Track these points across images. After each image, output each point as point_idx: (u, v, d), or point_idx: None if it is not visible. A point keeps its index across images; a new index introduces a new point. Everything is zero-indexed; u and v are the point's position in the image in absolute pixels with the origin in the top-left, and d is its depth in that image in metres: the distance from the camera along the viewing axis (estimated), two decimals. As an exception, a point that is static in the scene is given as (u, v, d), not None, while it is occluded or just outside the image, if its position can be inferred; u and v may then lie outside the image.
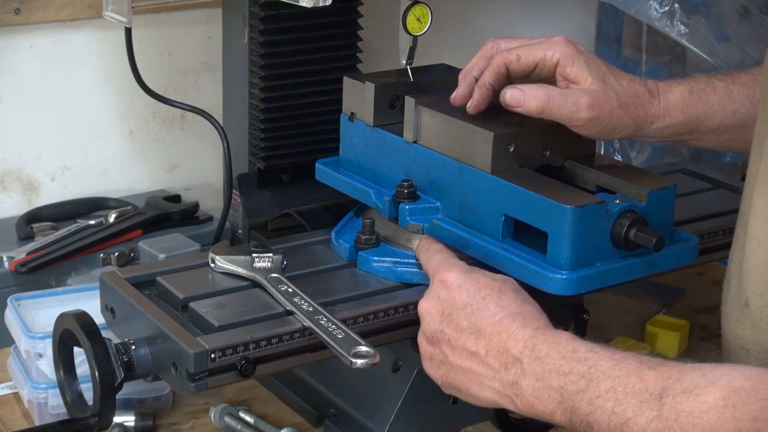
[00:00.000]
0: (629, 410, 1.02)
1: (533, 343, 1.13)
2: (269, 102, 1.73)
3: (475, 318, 1.17)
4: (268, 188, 1.77)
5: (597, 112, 1.30)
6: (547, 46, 1.33)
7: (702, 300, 1.84)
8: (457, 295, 1.20)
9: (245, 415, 1.46)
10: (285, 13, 1.68)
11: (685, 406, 0.98)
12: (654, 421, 1.00)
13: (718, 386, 0.98)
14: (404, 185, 1.38)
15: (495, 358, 1.15)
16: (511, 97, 1.30)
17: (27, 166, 1.88)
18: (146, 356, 1.24)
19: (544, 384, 1.10)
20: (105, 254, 1.71)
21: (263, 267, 1.34)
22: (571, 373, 1.08)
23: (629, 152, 2.32)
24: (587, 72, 1.31)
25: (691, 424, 0.97)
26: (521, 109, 1.30)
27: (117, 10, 1.66)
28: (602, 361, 1.08)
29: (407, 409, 1.41)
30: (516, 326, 1.15)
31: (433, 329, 1.21)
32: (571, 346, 1.11)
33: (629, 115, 1.32)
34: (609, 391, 1.05)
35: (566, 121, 1.31)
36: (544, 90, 1.29)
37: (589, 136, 1.34)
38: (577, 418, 1.07)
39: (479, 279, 1.21)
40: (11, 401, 1.51)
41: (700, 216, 1.55)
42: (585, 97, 1.29)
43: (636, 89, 1.33)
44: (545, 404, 1.10)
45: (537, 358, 1.12)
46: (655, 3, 2.07)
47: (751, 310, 1.21)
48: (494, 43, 1.38)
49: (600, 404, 1.05)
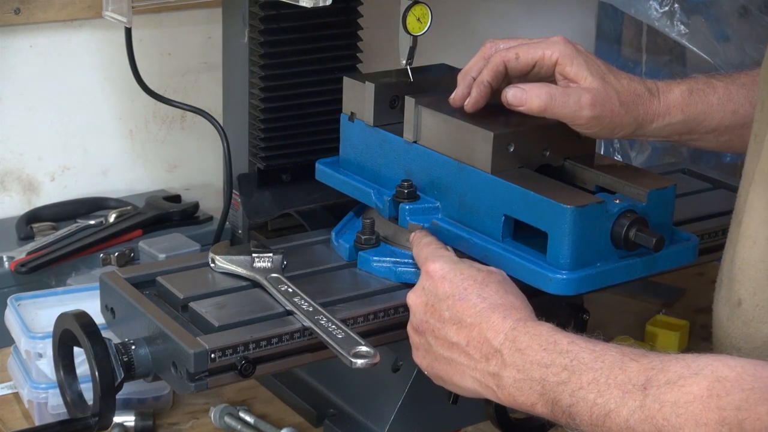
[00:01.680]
0: (611, 401, 1.02)
1: (514, 335, 1.13)
2: (269, 102, 1.73)
3: (457, 309, 1.18)
4: (268, 188, 1.77)
5: (599, 110, 1.30)
6: (545, 45, 1.33)
7: (702, 300, 1.83)
8: (441, 285, 1.20)
9: (245, 415, 1.46)
10: (285, 13, 1.68)
11: (669, 396, 0.98)
12: (637, 411, 1.00)
13: (702, 376, 0.98)
14: (404, 185, 1.38)
15: (476, 348, 1.15)
16: (513, 96, 1.29)
17: (27, 166, 1.88)
18: (146, 356, 1.24)
19: (525, 376, 1.11)
20: (105, 254, 1.71)
21: (263, 267, 1.34)
22: (553, 365, 1.09)
23: (629, 152, 2.32)
24: (587, 71, 1.31)
25: (675, 414, 0.97)
26: (523, 108, 1.29)
27: (117, 10, 1.66)
28: (584, 353, 1.08)
29: (407, 409, 1.41)
30: (496, 317, 1.15)
31: (419, 319, 1.22)
32: (553, 338, 1.11)
33: (630, 113, 1.32)
34: (591, 383, 1.05)
35: (568, 120, 1.31)
36: (546, 89, 1.29)
37: (590, 135, 1.34)
38: (558, 410, 1.08)
39: (463, 270, 1.21)
40: (11, 401, 1.51)
41: (700, 216, 1.56)
42: (587, 95, 1.29)
43: (636, 88, 1.33)
44: (526, 395, 1.11)
45: (518, 350, 1.12)
46: (655, 3, 2.07)
47: (744, 308, 1.21)
48: (493, 43, 1.38)
49: (582, 396, 1.05)
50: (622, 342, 1.60)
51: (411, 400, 1.41)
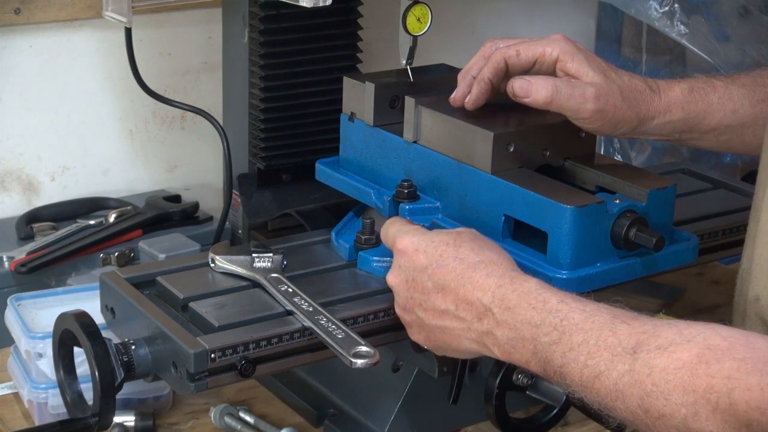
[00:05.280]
0: (601, 364, 1.02)
1: (501, 293, 1.13)
2: (269, 102, 1.73)
3: (438, 276, 1.18)
4: (268, 188, 1.77)
5: (602, 103, 1.30)
6: (546, 43, 1.33)
7: (702, 300, 1.84)
8: (416, 258, 1.21)
9: (245, 415, 1.46)
10: (285, 13, 1.68)
11: (658, 361, 0.98)
12: (626, 375, 1.00)
13: (693, 343, 0.97)
14: (404, 185, 1.38)
15: (466, 310, 1.16)
16: (520, 88, 1.29)
17: (27, 166, 1.88)
18: (146, 356, 1.24)
19: (517, 334, 1.11)
20: (105, 254, 1.71)
21: (263, 267, 1.34)
22: (543, 325, 1.09)
23: (629, 152, 2.32)
24: (588, 67, 1.31)
25: (664, 380, 0.97)
26: (529, 100, 1.29)
27: (117, 10, 1.66)
28: (574, 313, 1.08)
29: (407, 409, 1.41)
30: (479, 276, 1.15)
31: (404, 298, 1.22)
32: (542, 296, 1.11)
33: (632, 109, 1.32)
34: (581, 345, 1.05)
35: (572, 114, 1.30)
36: (551, 81, 1.29)
37: (592, 130, 1.34)
38: (550, 369, 1.08)
39: (434, 237, 1.21)
40: (11, 401, 1.51)
41: (700, 216, 1.56)
42: (591, 89, 1.29)
43: (637, 84, 1.33)
44: (520, 353, 1.11)
45: (507, 308, 1.12)
46: (655, 3, 2.07)
47: (762, 304, 1.21)
48: (492, 43, 1.38)
49: (573, 357, 1.05)
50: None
51: (411, 400, 1.41)
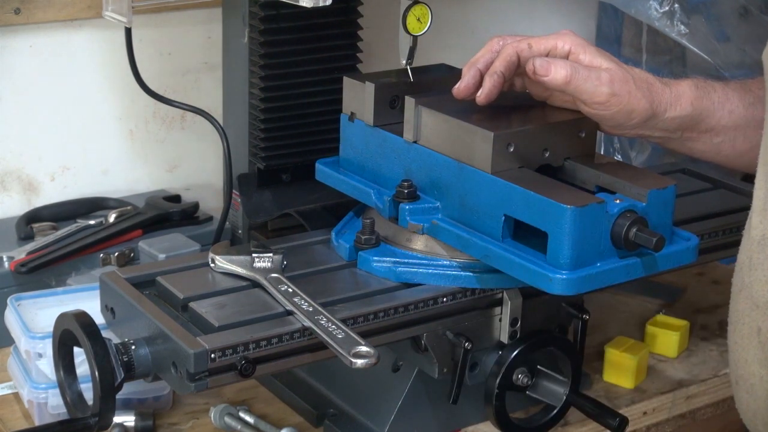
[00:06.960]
0: None
1: None
2: (269, 102, 1.73)
3: None
4: (268, 188, 1.77)
5: (617, 88, 1.31)
6: (557, 36, 1.36)
7: (702, 300, 1.84)
8: None
9: (245, 415, 1.46)
10: (285, 13, 1.68)
11: None
12: None
13: None
14: (404, 185, 1.38)
15: None
16: (540, 66, 1.31)
17: (27, 166, 1.88)
18: (146, 356, 1.24)
19: None
20: (105, 254, 1.71)
21: (263, 267, 1.34)
22: None
23: (629, 152, 2.32)
24: (600, 57, 1.34)
25: None
26: (548, 79, 1.30)
27: (117, 10, 1.66)
28: None
29: (407, 409, 1.41)
30: None
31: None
32: None
33: (646, 97, 1.34)
34: None
35: (588, 96, 1.31)
36: (570, 63, 1.32)
37: (606, 119, 1.34)
38: None
39: None
40: (11, 401, 1.51)
41: (700, 216, 1.56)
42: (605, 73, 1.32)
43: (647, 77, 1.36)
44: None
45: None
46: (655, 3, 2.07)
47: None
48: (500, 38, 1.39)
49: None
50: (622, 342, 1.61)
51: (411, 400, 1.41)
